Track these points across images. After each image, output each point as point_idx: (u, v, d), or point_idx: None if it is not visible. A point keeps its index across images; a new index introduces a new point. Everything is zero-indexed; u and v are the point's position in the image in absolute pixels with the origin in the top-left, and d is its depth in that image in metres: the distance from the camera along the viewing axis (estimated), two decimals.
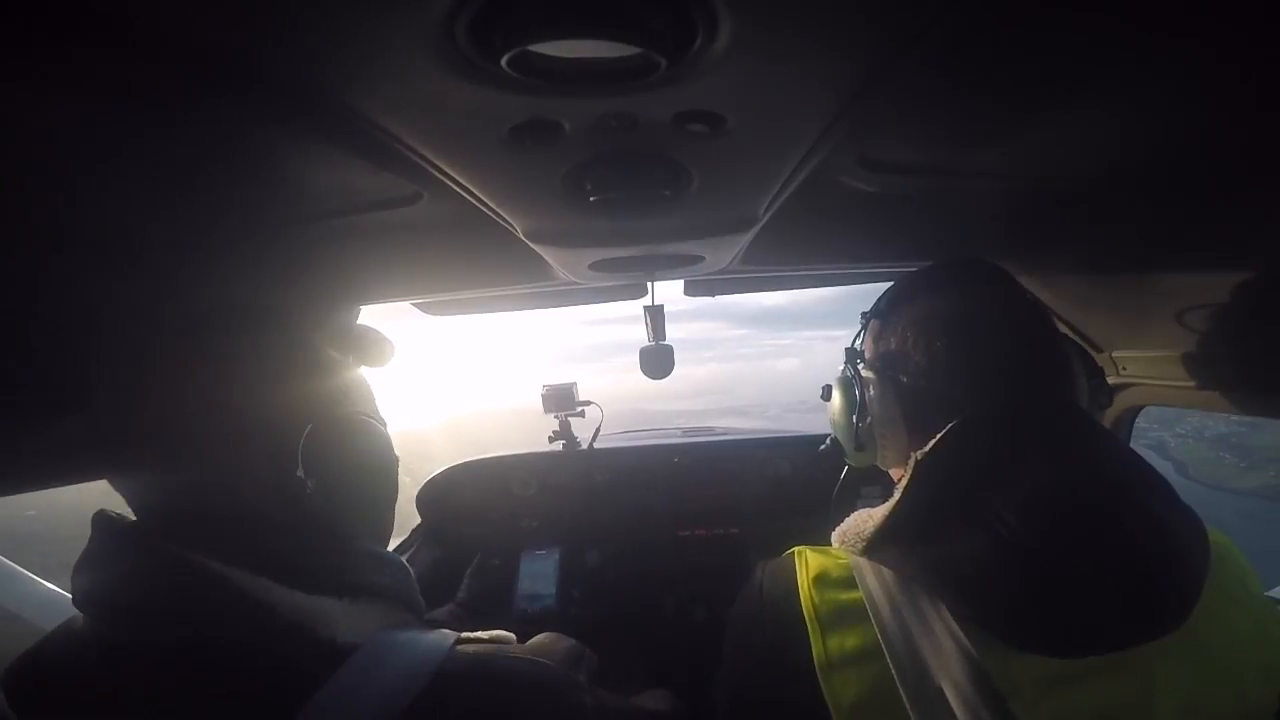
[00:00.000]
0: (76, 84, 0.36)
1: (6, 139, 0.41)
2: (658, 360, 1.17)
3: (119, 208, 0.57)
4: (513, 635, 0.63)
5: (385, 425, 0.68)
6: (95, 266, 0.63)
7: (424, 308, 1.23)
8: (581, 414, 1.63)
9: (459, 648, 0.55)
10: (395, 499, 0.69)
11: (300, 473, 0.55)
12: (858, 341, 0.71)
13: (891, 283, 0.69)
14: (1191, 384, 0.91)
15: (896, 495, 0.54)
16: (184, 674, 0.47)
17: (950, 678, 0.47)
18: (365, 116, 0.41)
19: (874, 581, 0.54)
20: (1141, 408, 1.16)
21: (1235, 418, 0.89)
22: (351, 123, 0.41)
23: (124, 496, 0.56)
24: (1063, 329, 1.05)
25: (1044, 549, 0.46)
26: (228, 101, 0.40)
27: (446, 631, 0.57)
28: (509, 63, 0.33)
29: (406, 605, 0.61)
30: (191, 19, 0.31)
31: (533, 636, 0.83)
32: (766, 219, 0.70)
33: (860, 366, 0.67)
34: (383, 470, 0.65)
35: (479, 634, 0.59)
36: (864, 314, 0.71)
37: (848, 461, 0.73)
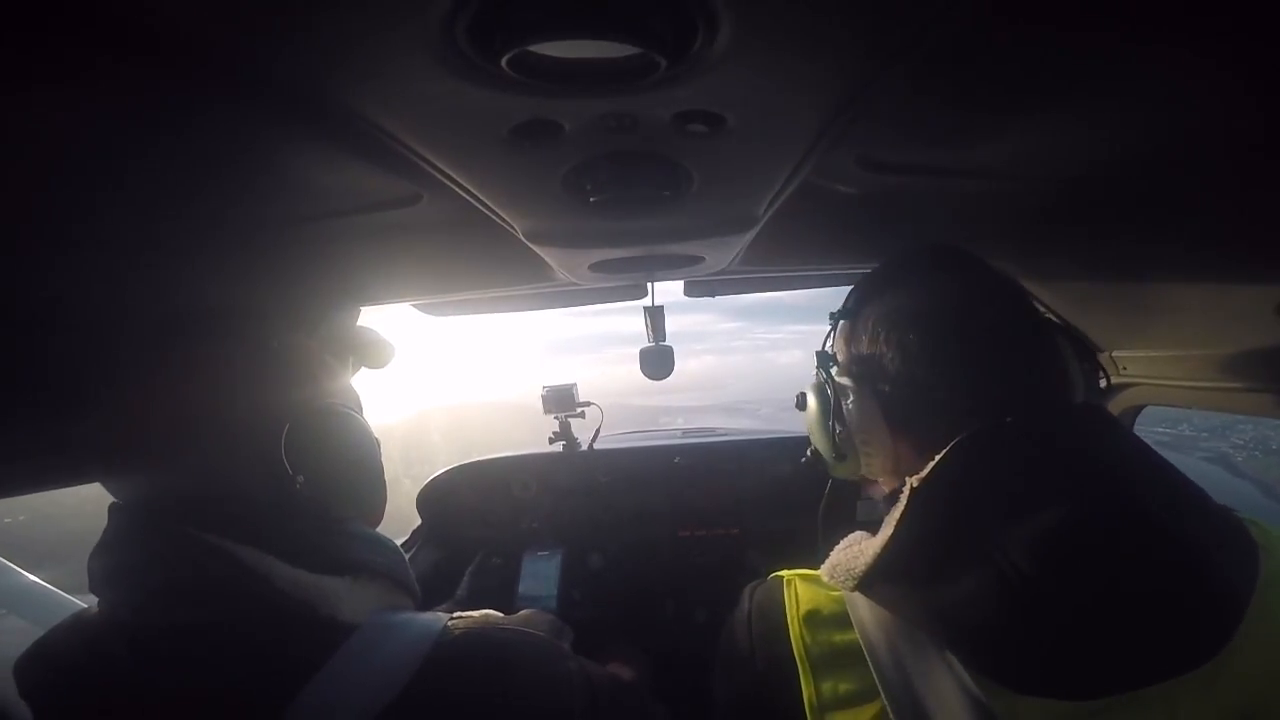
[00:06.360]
0: (73, 85, 0.36)
1: (10, 140, 0.41)
2: (658, 361, 1.17)
3: (118, 209, 0.57)
4: (500, 614, 0.64)
5: (360, 412, 0.69)
6: (97, 268, 0.63)
7: (424, 309, 1.22)
8: (582, 415, 1.63)
9: (451, 623, 0.57)
10: (382, 483, 0.70)
11: (289, 470, 0.56)
12: (828, 344, 0.68)
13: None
14: (1192, 384, 0.91)
15: (890, 528, 0.49)
16: (199, 653, 0.48)
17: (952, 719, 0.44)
18: (364, 117, 0.41)
19: (870, 619, 0.50)
20: (1142, 407, 1.16)
21: None
22: (351, 123, 0.41)
23: (122, 496, 0.56)
24: None
25: (1058, 594, 0.42)
26: (225, 102, 0.40)
27: (440, 614, 0.59)
28: (509, 63, 0.33)
29: (403, 587, 0.63)
30: (190, 19, 0.31)
31: None
32: (767, 219, 0.70)
33: (833, 370, 0.64)
34: (366, 457, 0.66)
35: (470, 614, 0.61)
36: (832, 315, 0.68)
37: (831, 474, 0.69)
